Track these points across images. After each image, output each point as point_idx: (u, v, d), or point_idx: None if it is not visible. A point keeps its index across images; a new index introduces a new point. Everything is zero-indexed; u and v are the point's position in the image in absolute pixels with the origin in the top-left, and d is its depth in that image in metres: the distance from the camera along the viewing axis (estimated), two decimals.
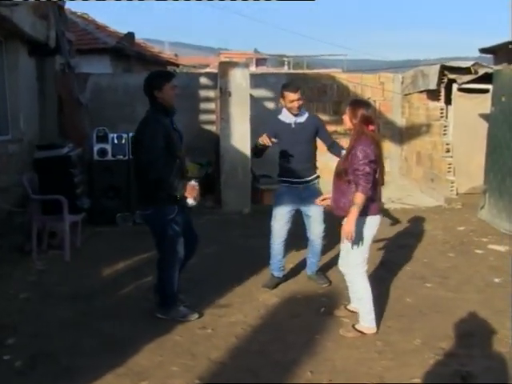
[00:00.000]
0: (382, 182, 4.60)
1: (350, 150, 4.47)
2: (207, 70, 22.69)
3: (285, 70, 26.67)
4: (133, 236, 7.68)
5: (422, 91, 10.96)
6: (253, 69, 24.38)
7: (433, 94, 10.57)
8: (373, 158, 4.38)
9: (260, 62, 39.72)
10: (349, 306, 5.01)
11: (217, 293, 5.58)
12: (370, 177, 4.36)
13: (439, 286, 5.79)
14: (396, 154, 12.19)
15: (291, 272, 6.17)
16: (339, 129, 12.24)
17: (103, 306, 5.35)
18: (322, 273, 6.01)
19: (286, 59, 32.58)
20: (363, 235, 4.53)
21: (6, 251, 6.75)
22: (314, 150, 5.73)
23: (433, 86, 10.22)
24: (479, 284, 5.85)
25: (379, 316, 4.84)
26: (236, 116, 9.35)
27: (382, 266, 6.32)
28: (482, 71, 9.66)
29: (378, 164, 4.45)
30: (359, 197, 4.35)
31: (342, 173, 4.51)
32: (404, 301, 5.39)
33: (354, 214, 4.36)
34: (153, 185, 4.66)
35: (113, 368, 4.09)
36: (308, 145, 5.64)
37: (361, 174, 4.35)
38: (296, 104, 5.50)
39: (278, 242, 5.78)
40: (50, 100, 10.31)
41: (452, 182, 9.93)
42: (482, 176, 9.37)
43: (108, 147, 8.27)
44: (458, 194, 9.99)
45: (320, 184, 5.78)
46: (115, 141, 8.29)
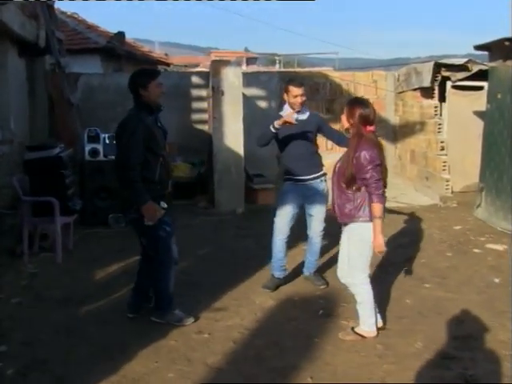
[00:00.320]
0: (384, 184, 4.46)
1: (351, 154, 4.33)
2: (198, 69, 22.52)
3: (276, 68, 26.55)
4: (126, 237, 7.50)
5: (415, 89, 10.90)
6: (243, 68, 24.25)
7: (426, 92, 10.51)
8: (378, 161, 4.26)
9: (250, 60, 39.55)
10: (357, 329, 4.59)
11: (212, 296, 5.47)
12: (381, 182, 4.25)
13: (438, 287, 5.71)
14: (390, 152, 12.07)
15: (287, 274, 6.05)
16: (333, 127, 12.20)
17: (97, 310, 5.23)
18: (319, 274, 5.92)
19: (277, 58, 32.44)
20: (366, 241, 4.39)
21: None
22: (316, 148, 5.69)
23: (427, 83, 10.15)
24: (479, 284, 5.77)
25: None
26: (229, 115, 9.24)
27: (378, 267, 6.22)
28: (476, 68, 9.61)
29: (383, 167, 4.34)
30: (378, 208, 4.24)
31: (349, 179, 4.34)
32: (403, 302, 5.30)
33: (378, 227, 4.26)
34: (131, 184, 4.52)
35: (107, 375, 3.98)
36: (311, 142, 5.59)
37: (372, 183, 4.23)
38: (299, 100, 5.43)
39: (280, 237, 5.68)
40: (40, 100, 10.20)
41: (447, 181, 9.86)
42: (477, 174, 9.31)
43: (99, 147, 8.14)
44: (452, 192, 9.93)
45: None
46: (107, 141, 8.15)
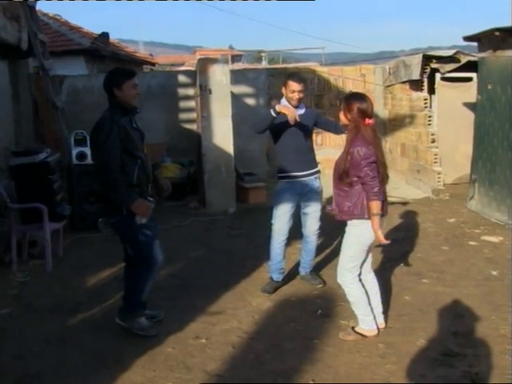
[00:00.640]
0: (384, 180, 4.33)
1: (347, 149, 4.24)
2: (183, 68, 22.38)
3: (263, 65, 26.44)
4: (116, 241, 7.29)
5: (404, 82, 10.82)
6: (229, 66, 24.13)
7: (416, 85, 10.44)
8: (373, 158, 4.15)
9: (235, 58, 39.42)
10: (357, 328, 4.53)
11: (208, 299, 5.36)
12: (376, 180, 4.15)
13: (436, 282, 5.63)
14: None
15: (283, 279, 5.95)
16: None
17: (90, 318, 5.10)
18: (315, 273, 5.82)
19: (263, 54, 32.32)
20: (357, 240, 4.33)
21: None
22: (312, 144, 5.61)
23: (416, 76, 10.08)
24: (477, 278, 5.70)
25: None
26: (217, 113, 9.11)
27: (374, 263, 6.13)
28: (465, 59, 9.55)
29: (377, 163, 4.22)
30: (375, 205, 4.14)
31: (342, 175, 4.26)
32: (402, 299, 5.22)
33: (376, 224, 4.17)
34: (114, 188, 4.38)
35: None
36: (306, 138, 5.49)
37: (367, 181, 4.13)
38: (297, 95, 5.31)
39: (279, 241, 5.56)
40: (24, 104, 10.01)
41: (439, 173, 9.80)
42: (469, 166, 9.26)
43: (87, 150, 7.97)
44: (444, 184, 9.88)
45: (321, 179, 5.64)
46: None
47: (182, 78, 11.45)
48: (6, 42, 8.73)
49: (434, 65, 9.86)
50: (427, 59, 9.91)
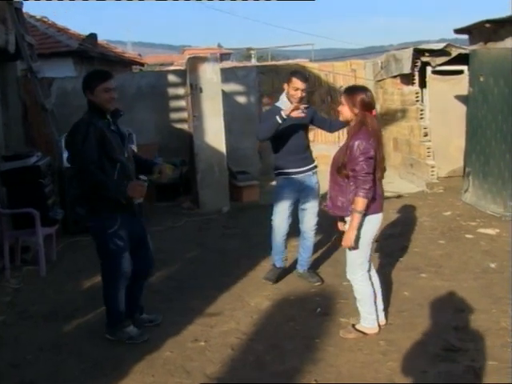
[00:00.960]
0: (382, 175, 4.28)
1: (348, 143, 4.16)
2: (172, 67, 22.26)
3: (252, 63, 26.35)
4: None
5: (395, 76, 10.79)
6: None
7: (407, 79, 10.39)
8: (372, 153, 4.06)
9: (224, 56, 39.26)
10: (358, 326, 4.46)
11: (205, 300, 5.29)
12: (370, 177, 4.06)
13: (435, 276, 5.59)
14: None
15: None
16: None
17: (85, 323, 5.02)
18: (313, 270, 5.77)
19: (252, 52, 32.19)
20: (362, 236, 4.22)
21: None
22: (308, 140, 5.61)
23: (407, 70, 10.04)
24: (475, 270, 5.67)
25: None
26: (209, 112, 9.04)
27: (372, 259, 6.08)
28: (455, 52, 9.52)
29: (377, 158, 4.15)
30: (360, 202, 4.05)
31: (340, 167, 4.18)
32: (401, 294, 5.17)
33: (355, 222, 4.10)
34: (90, 193, 4.30)
35: None
36: (304, 134, 5.48)
37: (360, 176, 4.05)
38: (299, 94, 5.27)
39: (279, 237, 5.60)
40: (13, 107, 9.90)
41: (432, 167, 9.76)
42: (461, 158, 9.27)
43: None
44: (438, 177, 9.85)
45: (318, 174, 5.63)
46: None
47: (171, 78, 11.36)
48: None
49: (425, 58, 9.82)
50: (418, 53, 9.87)
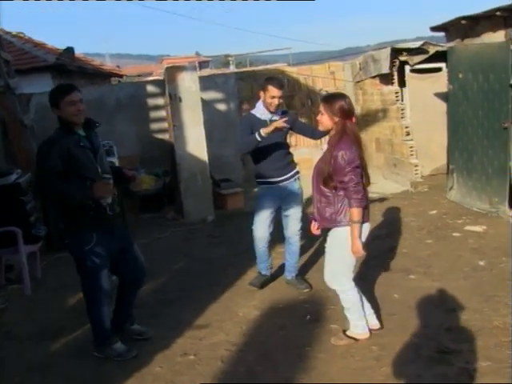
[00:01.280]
0: (367, 183, 4.20)
1: (331, 153, 4.07)
2: (151, 77, 22.16)
3: (230, 69, 26.30)
4: None
5: (374, 76, 10.78)
6: (197, 72, 23.96)
7: (386, 78, 10.38)
8: (357, 162, 4.00)
9: (203, 64, 39.24)
10: (349, 332, 4.39)
11: (193, 312, 5.20)
12: (360, 186, 4.01)
13: (424, 277, 5.54)
14: None
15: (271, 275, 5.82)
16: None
17: (73, 342, 4.91)
18: (301, 277, 5.70)
19: (230, 58, 32.17)
20: (347, 247, 4.12)
21: None
22: (288, 147, 5.55)
23: (385, 69, 10.02)
24: (464, 269, 5.62)
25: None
26: (189, 121, 8.97)
27: (360, 261, 6.03)
28: (433, 50, 9.52)
29: (362, 166, 4.08)
30: (356, 213, 4.00)
31: (327, 179, 4.09)
32: (391, 297, 5.11)
33: (355, 232, 4.04)
34: (66, 195, 4.17)
35: None
36: (284, 142, 5.42)
37: (350, 187, 3.98)
38: (276, 101, 5.21)
39: (261, 245, 5.55)
40: None
41: (416, 166, 9.75)
42: (445, 156, 9.25)
43: None
44: (422, 176, 9.84)
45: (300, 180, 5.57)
46: None
47: (150, 88, 11.27)
48: None
49: (403, 57, 9.80)
50: (395, 52, 9.85)
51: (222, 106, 11.49)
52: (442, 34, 8.89)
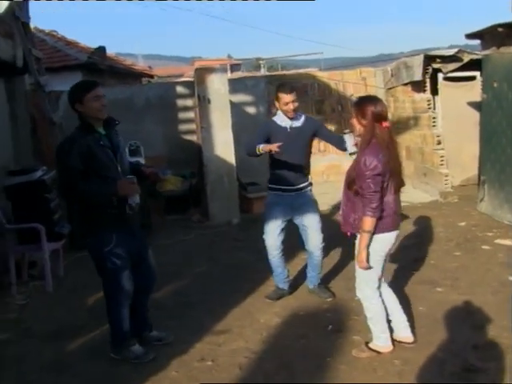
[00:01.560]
0: (396, 190, 4.06)
1: (358, 157, 4.01)
2: (182, 79, 22.23)
3: (261, 73, 26.28)
4: None
5: (406, 84, 10.62)
6: (228, 75, 24.00)
7: (418, 86, 10.21)
8: (379, 170, 3.86)
9: (234, 67, 39.35)
10: (371, 344, 4.28)
11: (214, 317, 5.13)
12: (377, 195, 3.88)
13: (451, 290, 5.39)
14: None
15: (290, 287, 5.71)
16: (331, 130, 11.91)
17: (91, 342, 4.88)
18: (324, 286, 5.59)
19: (261, 62, 32.13)
20: (372, 254, 4.03)
21: None
22: (308, 157, 5.34)
23: (418, 77, 9.86)
24: (493, 284, 5.45)
25: (390, 330, 4.35)
26: (217, 123, 8.93)
27: (386, 272, 5.90)
28: (467, 58, 9.34)
29: (389, 172, 3.93)
30: (367, 221, 3.90)
31: (351, 183, 4.00)
32: (417, 310, 4.97)
33: (363, 242, 3.95)
34: (90, 194, 4.14)
35: None
36: (303, 150, 5.24)
37: (366, 194, 3.88)
38: (291, 106, 5.09)
39: (274, 255, 5.41)
40: (22, 122, 9.83)
41: (446, 175, 9.58)
42: (476, 166, 9.06)
43: None
44: (452, 186, 9.66)
45: (313, 191, 5.45)
46: None
47: (180, 89, 11.28)
48: (1, 59, 8.57)
49: (436, 65, 9.64)
50: (429, 59, 9.69)
51: (251, 109, 11.43)
52: (477, 41, 8.69)
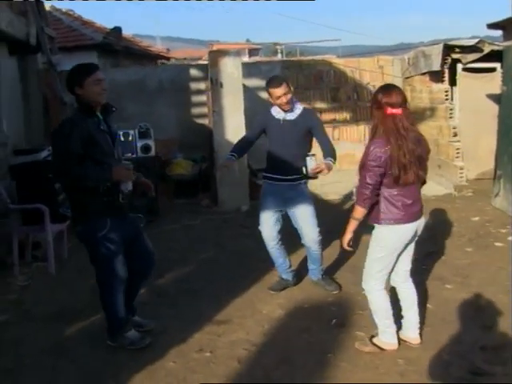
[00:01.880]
0: (411, 182, 3.85)
1: (367, 145, 3.89)
2: (200, 62, 22.06)
3: (279, 58, 26.04)
4: None
5: (424, 73, 10.40)
6: (246, 59, 23.79)
7: (436, 76, 9.99)
8: (379, 162, 3.73)
9: (253, 52, 39.18)
10: (375, 340, 4.17)
11: (215, 306, 5.02)
12: (370, 188, 3.80)
13: (461, 288, 5.22)
14: None
15: (295, 277, 5.56)
16: (338, 117, 11.74)
17: (90, 326, 4.78)
18: (329, 277, 5.45)
19: (278, 47, 31.84)
20: (379, 243, 3.96)
21: None
22: (303, 150, 5.03)
23: (436, 67, 9.64)
24: (504, 283, 5.26)
25: (398, 327, 4.21)
26: (229, 108, 8.77)
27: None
28: (488, 49, 9.11)
29: (396, 164, 3.74)
30: (357, 211, 3.93)
31: (360, 169, 3.93)
32: (425, 307, 4.81)
33: (350, 227, 3.99)
34: (85, 178, 4.00)
35: None
36: (296, 143, 5.03)
37: (361, 184, 3.86)
38: (284, 99, 4.94)
39: (272, 245, 5.28)
40: (34, 101, 9.76)
41: (461, 168, 9.39)
42: (491, 160, 8.84)
43: None
44: (467, 180, 9.46)
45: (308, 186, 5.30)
46: None
47: (193, 72, 11.14)
48: (14, 37, 8.47)
49: (456, 55, 9.43)
50: (448, 49, 9.47)
51: (265, 95, 11.22)
52: (499, 32, 8.43)
